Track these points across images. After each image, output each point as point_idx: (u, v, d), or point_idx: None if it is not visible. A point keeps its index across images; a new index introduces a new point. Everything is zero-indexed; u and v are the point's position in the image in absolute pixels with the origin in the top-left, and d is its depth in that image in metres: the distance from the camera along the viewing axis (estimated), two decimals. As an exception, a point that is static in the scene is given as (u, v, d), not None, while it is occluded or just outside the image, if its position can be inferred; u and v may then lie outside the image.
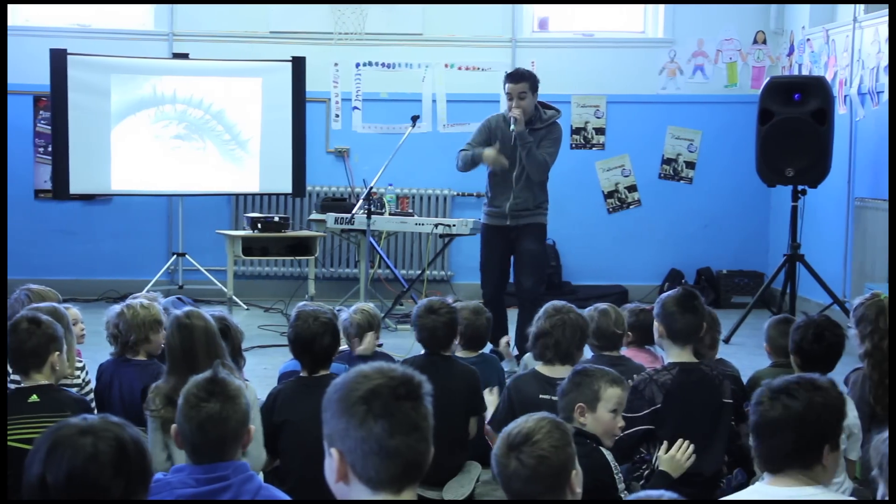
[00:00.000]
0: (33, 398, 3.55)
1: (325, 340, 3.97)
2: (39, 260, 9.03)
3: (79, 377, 4.24)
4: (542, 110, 6.61)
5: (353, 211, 8.00)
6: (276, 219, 8.36)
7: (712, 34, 9.53)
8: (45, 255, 9.14)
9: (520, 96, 6.45)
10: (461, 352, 4.82)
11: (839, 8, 8.61)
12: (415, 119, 8.00)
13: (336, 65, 9.43)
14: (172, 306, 5.13)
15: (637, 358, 4.71)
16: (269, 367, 6.28)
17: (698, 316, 4.11)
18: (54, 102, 8.52)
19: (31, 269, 8.48)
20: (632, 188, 9.63)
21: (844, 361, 4.19)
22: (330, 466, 2.01)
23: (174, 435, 2.83)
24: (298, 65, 8.92)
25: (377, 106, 9.46)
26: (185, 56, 8.95)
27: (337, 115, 9.49)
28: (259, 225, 8.26)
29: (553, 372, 4.12)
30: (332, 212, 8.28)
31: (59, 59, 8.44)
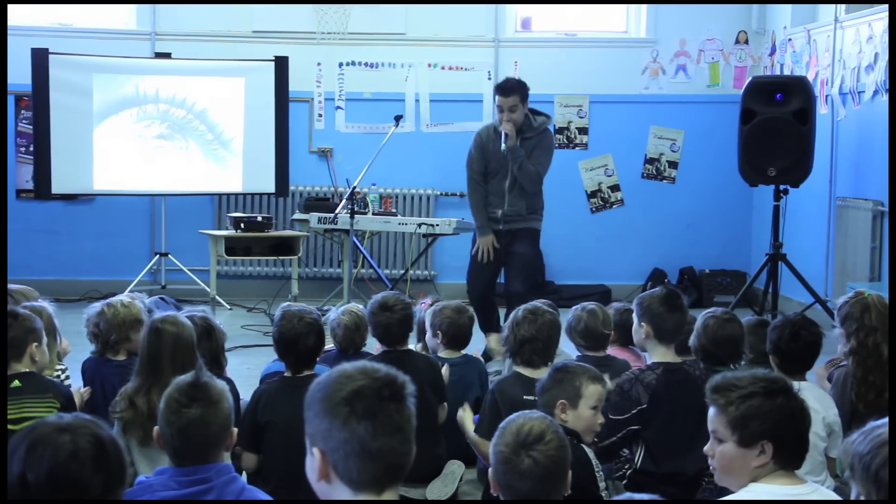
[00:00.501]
0: (15, 383, 3.63)
1: (309, 341, 3.97)
2: (21, 260, 8.96)
3: (58, 371, 4.27)
4: (532, 117, 6.48)
5: (337, 211, 7.99)
6: (260, 218, 8.36)
7: (695, 34, 9.55)
8: (27, 255, 9.08)
9: (510, 109, 6.31)
10: (444, 352, 4.81)
11: (820, 8, 8.66)
12: (398, 119, 8.00)
13: (319, 64, 9.41)
14: (155, 306, 5.13)
15: (621, 356, 4.73)
16: (251, 367, 6.26)
17: (685, 314, 4.15)
18: (36, 102, 8.47)
19: (14, 269, 8.40)
20: (615, 188, 9.65)
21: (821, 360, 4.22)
22: (311, 466, 2.00)
23: (156, 437, 2.82)
24: (281, 64, 8.90)
25: (360, 105, 9.45)
26: (167, 55, 8.91)
27: (320, 115, 9.48)
28: (242, 225, 8.25)
29: (536, 373, 4.11)
30: (315, 211, 8.28)
31: (40, 59, 8.39)
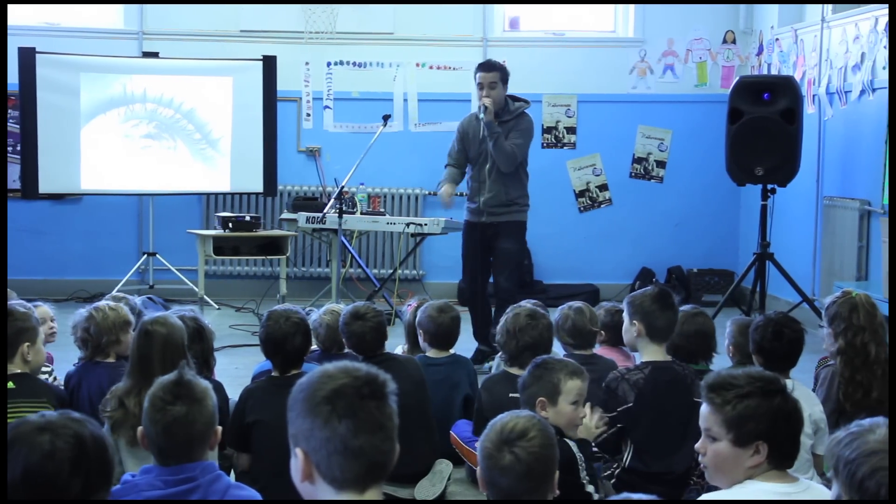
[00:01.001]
0: (9, 385, 3.62)
1: (296, 341, 3.99)
2: (9, 259, 8.93)
3: (44, 375, 4.26)
4: (510, 102, 6.67)
5: (325, 210, 7.99)
6: (248, 218, 8.35)
7: (682, 34, 9.57)
8: (15, 254, 9.03)
9: (490, 86, 6.51)
10: (431, 351, 4.81)
11: (807, 8, 8.68)
12: (386, 118, 8.00)
13: (307, 64, 9.40)
14: (143, 306, 5.12)
15: (610, 356, 4.73)
16: (240, 366, 6.26)
17: (676, 313, 4.17)
18: (23, 101, 8.44)
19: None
20: (603, 187, 9.66)
21: (807, 359, 4.22)
22: (295, 466, 2.00)
23: (140, 437, 2.81)
24: (269, 64, 8.89)
25: (348, 105, 9.44)
26: (155, 55, 8.89)
27: (308, 115, 9.47)
28: (230, 224, 8.24)
29: (523, 372, 4.12)
30: (303, 211, 8.27)
31: (27, 58, 8.37)
